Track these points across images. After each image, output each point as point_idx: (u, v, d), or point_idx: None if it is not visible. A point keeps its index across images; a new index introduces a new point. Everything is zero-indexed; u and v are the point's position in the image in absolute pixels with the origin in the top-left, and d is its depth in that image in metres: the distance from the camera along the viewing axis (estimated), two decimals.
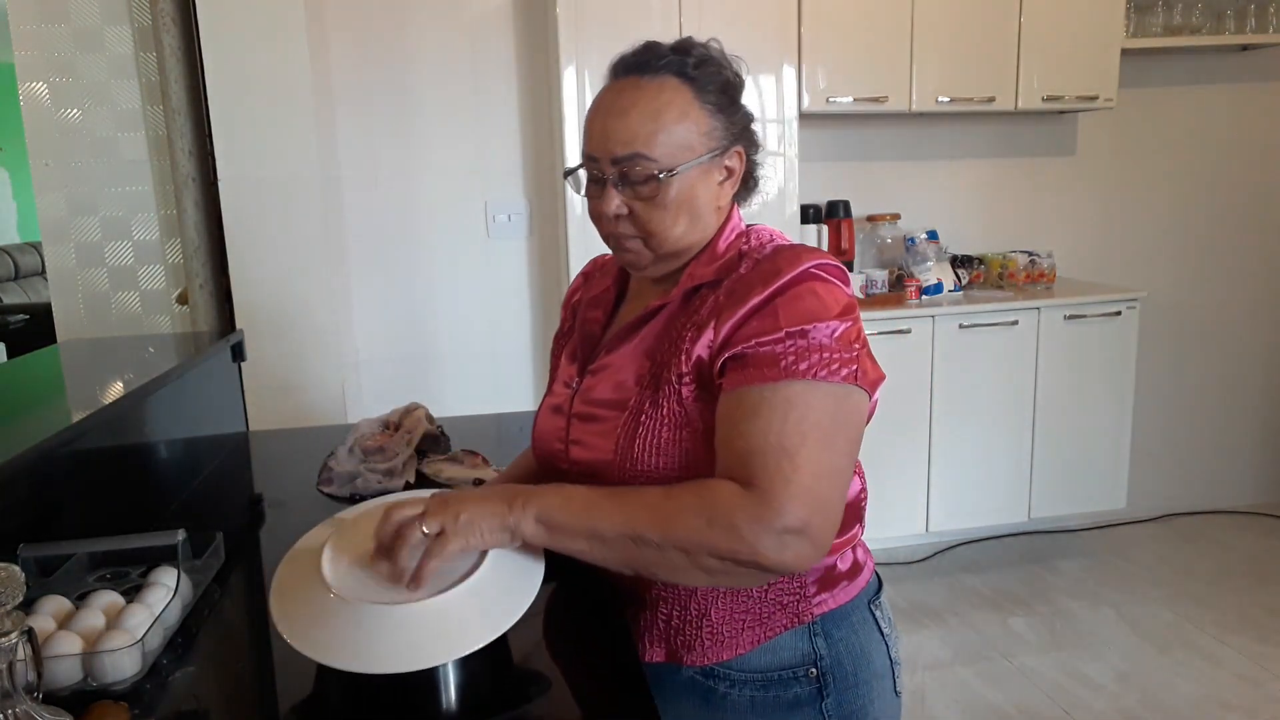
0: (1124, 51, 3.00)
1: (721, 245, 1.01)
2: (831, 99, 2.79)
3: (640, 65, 0.98)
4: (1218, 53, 3.32)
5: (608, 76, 1.02)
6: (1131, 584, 3.00)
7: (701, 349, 0.93)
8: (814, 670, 0.99)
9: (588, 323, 1.12)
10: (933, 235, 3.17)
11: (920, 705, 2.35)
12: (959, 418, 2.94)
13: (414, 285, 2.87)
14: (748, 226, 1.04)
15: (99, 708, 0.79)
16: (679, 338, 0.96)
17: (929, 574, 3.09)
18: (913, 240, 3.07)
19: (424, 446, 1.57)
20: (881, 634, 1.05)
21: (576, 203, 2.66)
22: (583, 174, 1.04)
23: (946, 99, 2.90)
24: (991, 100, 2.93)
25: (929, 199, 3.27)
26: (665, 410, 0.94)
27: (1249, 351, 3.59)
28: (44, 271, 2.63)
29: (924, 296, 2.99)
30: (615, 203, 0.98)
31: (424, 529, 0.84)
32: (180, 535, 1.06)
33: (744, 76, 1.02)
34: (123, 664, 0.85)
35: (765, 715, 0.99)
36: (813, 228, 2.99)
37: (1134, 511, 3.39)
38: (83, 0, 2.24)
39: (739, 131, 1.01)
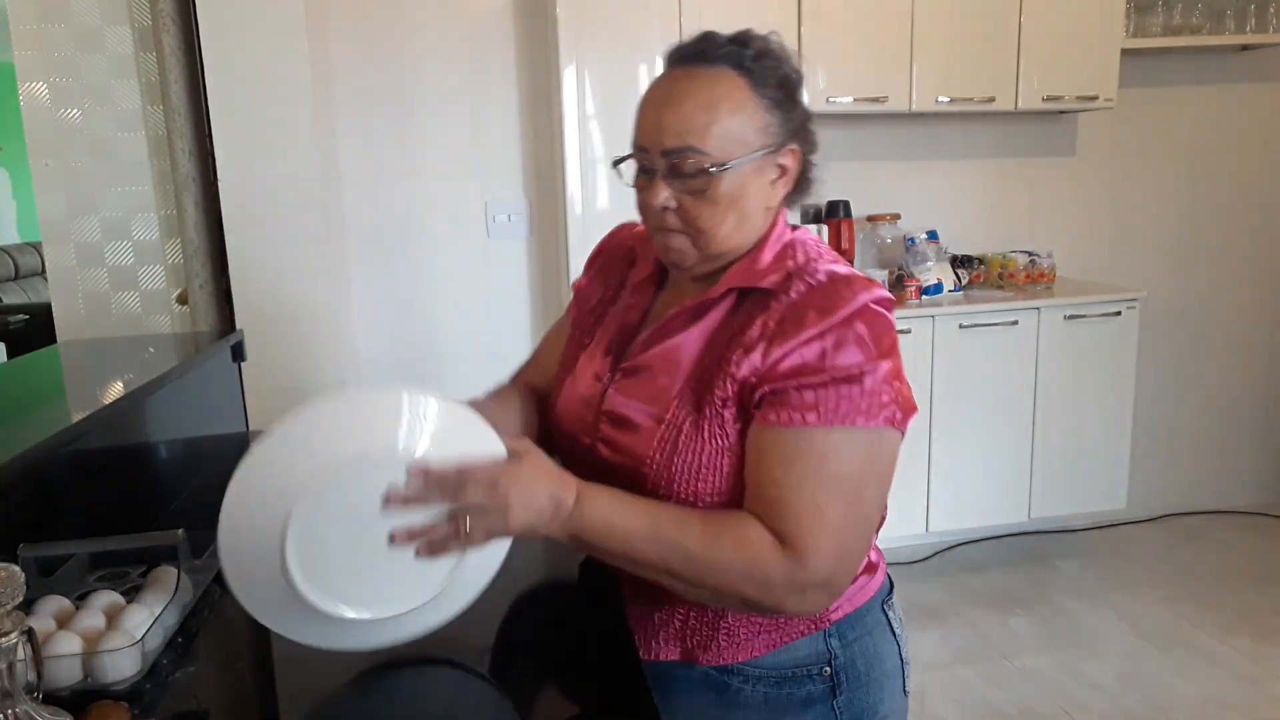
0: (1124, 51, 3.00)
1: (767, 253, 0.97)
2: (831, 99, 2.79)
3: (697, 55, 0.95)
4: (1218, 53, 3.32)
5: (663, 66, 0.98)
6: (1131, 584, 3.00)
7: (746, 373, 0.90)
8: (828, 669, 0.99)
9: (629, 310, 1.07)
10: (933, 235, 3.17)
11: (920, 705, 2.35)
12: (959, 418, 2.94)
13: (414, 285, 2.87)
14: (792, 236, 1.00)
15: (99, 708, 0.79)
16: (723, 358, 0.92)
17: (929, 574, 3.09)
18: (913, 240, 3.07)
19: None
20: (894, 634, 1.05)
21: (576, 203, 2.66)
22: (631, 163, 0.99)
23: (946, 99, 2.90)
24: (991, 100, 2.93)
25: (929, 199, 3.27)
26: (707, 433, 0.92)
27: (1249, 352, 3.59)
28: (44, 271, 2.62)
29: (924, 296, 2.98)
30: (664, 195, 0.94)
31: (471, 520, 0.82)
32: (180, 535, 1.06)
33: (803, 73, 0.98)
34: (123, 664, 0.85)
35: (778, 712, 0.99)
36: (812, 228, 2.99)
37: (1134, 511, 3.39)
38: (83, 0, 2.24)
39: (796, 129, 0.97)
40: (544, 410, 1.13)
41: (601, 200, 2.67)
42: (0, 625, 0.67)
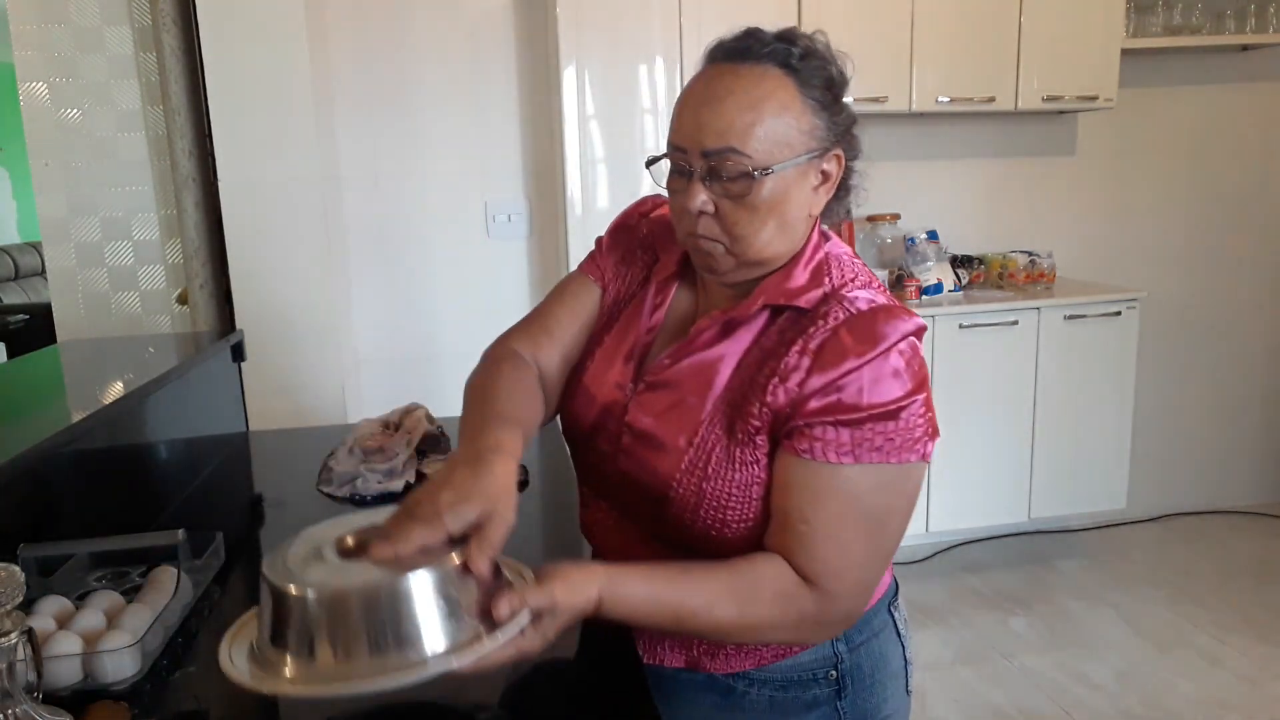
0: (1124, 51, 3.00)
1: (802, 268, 0.93)
2: None
3: (741, 52, 0.89)
4: (1218, 53, 3.32)
5: (702, 63, 0.93)
6: (1131, 584, 3.00)
7: (781, 401, 0.87)
8: (834, 673, 0.99)
9: (654, 310, 1.02)
10: (933, 235, 3.17)
11: (920, 705, 2.35)
12: (959, 418, 2.94)
13: (414, 285, 2.87)
14: (827, 250, 0.96)
15: (99, 708, 0.79)
16: (759, 381, 0.89)
17: (929, 574, 3.09)
18: (913, 240, 3.07)
19: (424, 446, 1.57)
20: (899, 635, 1.05)
21: (576, 203, 2.66)
22: (665, 164, 0.93)
23: (946, 99, 2.90)
24: (991, 100, 2.93)
25: (929, 199, 3.27)
26: (738, 460, 0.89)
27: (1249, 352, 3.59)
28: (44, 271, 2.63)
29: (924, 296, 2.98)
30: (701, 199, 0.88)
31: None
32: (180, 535, 1.06)
33: (849, 76, 0.94)
34: (123, 664, 0.85)
35: (782, 714, 0.99)
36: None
37: (1134, 511, 3.39)
38: (83, 0, 2.24)
39: (841, 133, 0.93)
40: (554, 393, 1.07)
41: (601, 200, 2.67)
42: (0, 625, 0.67)
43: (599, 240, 1.13)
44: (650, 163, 0.96)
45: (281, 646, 0.71)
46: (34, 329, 4.42)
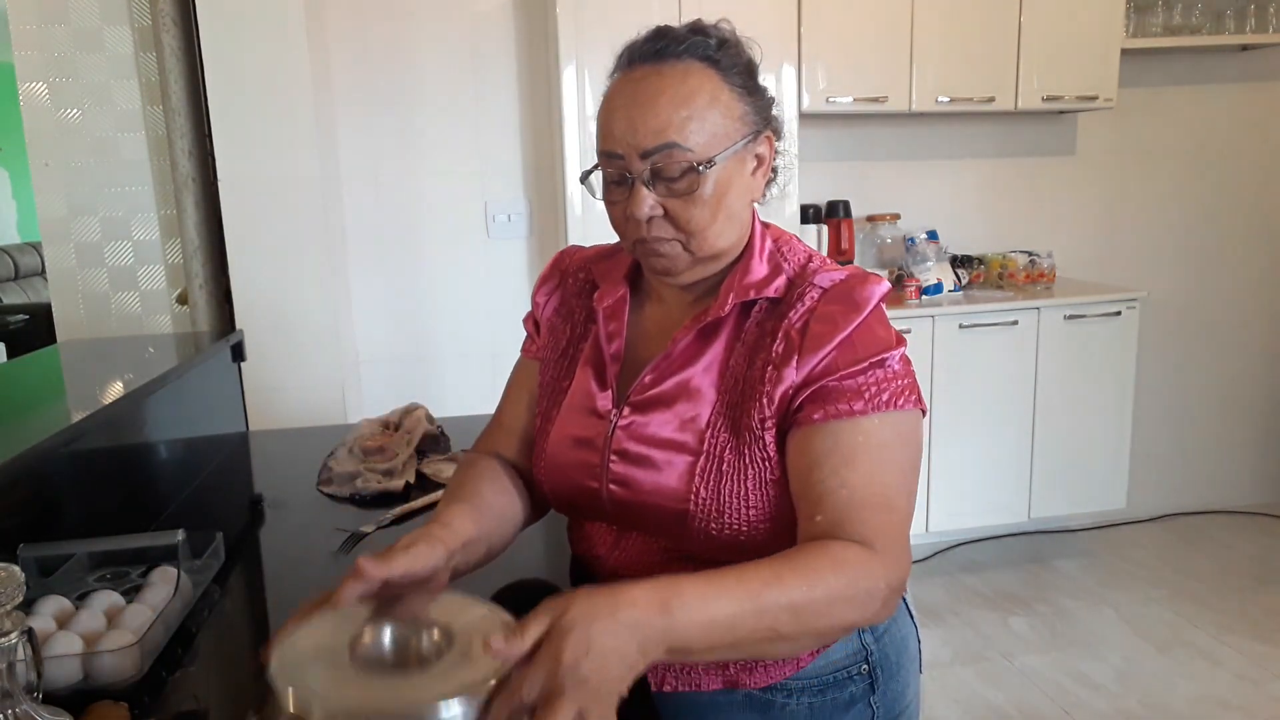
0: (1124, 51, 3.00)
1: (760, 259, 0.94)
2: (831, 99, 2.79)
3: (658, 52, 0.90)
4: (1218, 53, 3.32)
5: (617, 68, 0.93)
6: (1131, 584, 3.00)
7: (785, 388, 0.87)
8: (865, 666, 0.98)
9: (612, 337, 0.99)
10: (933, 235, 3.17)
11: (920, 705, 2.35)
12: (959, 418, 2.94)
13: (414, 285, 2.87)
14: (773, 235, 0.97)
15: (99, 708, 0.79)
16: (754, 375, 0.89)
17: (929, 574, 3.09)
18: (913, 240, 3.07)
19: (424, 446, 1.57)
20: (911, 618, 1.05)
21: (576, 203, 2.66)
22: (597, 177, 0.93)
23: (946, 99, 2.90)
24: (991, 100, 2.93)
25: (929, 199, 3.27)
26: (748, 458, 0.88)
27: (1249, 352, 3.59)
28: (44, 271, 2.62)
29: (924, 296, 2.98)
30: (649, 203, 0.88)
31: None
32: (180, 535, 1.06)
33: (758, 59, 0.95)
34: (123, 664, 0.85)
35: (821, 718, 0.97)
36: (812, 228, 2.99)
37: (1134, 511, 3.39)
38: (83, 0, 2.24)
39: (766, 115, 0.94)
40: (523, 478, 1.05)
41: (601, 200, 2.67)
42: (0, 625, 0.67)
43: (525, 317, 1.13)
44: (584, 177, 0.95)
45: None
46: (34, 329, 4.42)
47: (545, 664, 0.64)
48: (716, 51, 0.91)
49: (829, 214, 3.09)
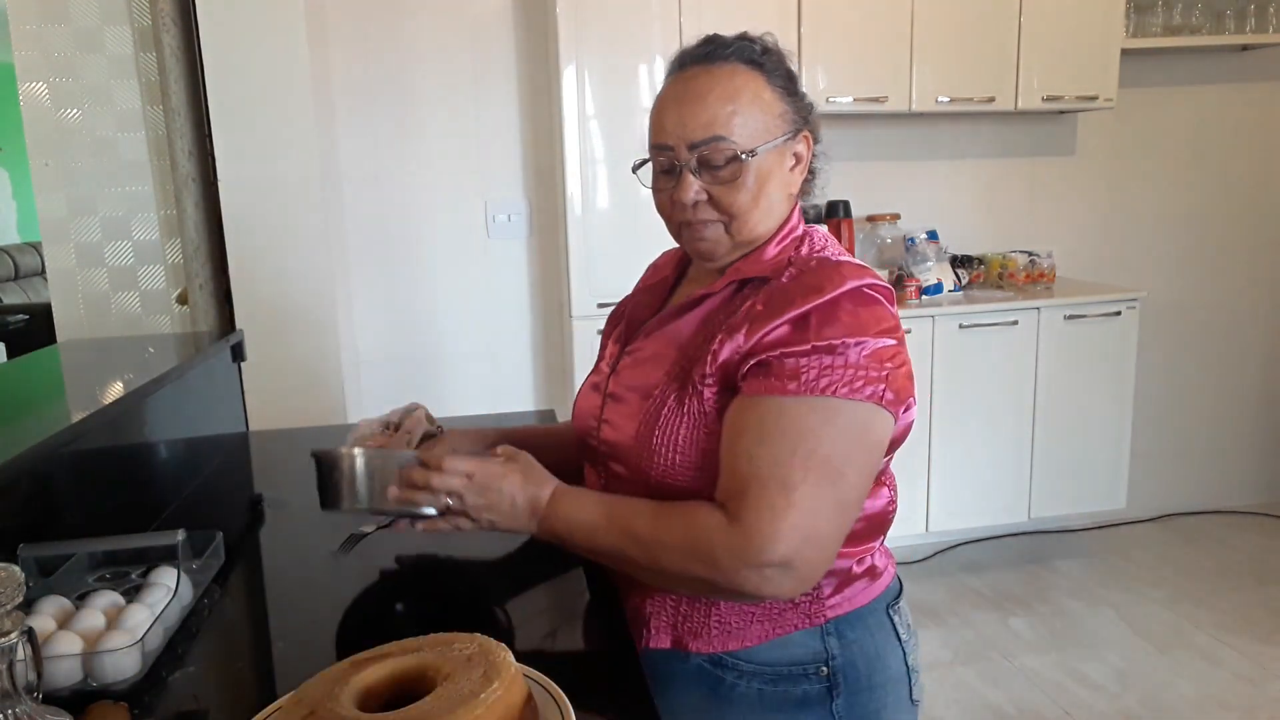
0: (1124, 51, 3.00)
1: (774, 246, 1.01)
2: (831, 99, 2.79)
3: (706, 55, 0.99)
4: (1218, 53, 3.32)
5: (670, 71, 1.02)
6: (1131, 584, 3.00)
7: (728, 353, 0.93)
8: (825, 669, 0.98)
9: (639, 307, 1.13)
10: (933, 235, 3.17)
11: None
12: (959, 418, 2.94)
13: (414, 285, 2.87)
14: (805, 230, 1.04)
15: (99, 708, 0.79)
16: (710, 337, 0.96)
17: (929, 574, 3.09)
18: (913, 240, 3.07)
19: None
20: (899, 639, 1.04)
21: (576, 203, 2.66)
22: (648, 168, 1.02)
23: (946, 99, 2.90)
24: (991, 100, 2.93)
25: (929, 199, 3.27)
26: (686, 408, 0.95)
27: (1249, 352, 3.59)
28: (44, 271, 2.63)
29: (924, 296, 2.98)
30: (694, 189, 0.97)
31: (448, 500, 0.93)
32: (180, 535, 1.06)
33: (798, 71, 1.04)
34: (123, 664, 0.85)
35: (773, 710, 0.98)
36: (812, 228, 2.98)
37: (1134, 511, 3.39)
38: (83, 0, 2.24)
39: (806, 116, 1.02)
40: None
41: (601, 200, 2.67)
42: (0, 625, 0.67)
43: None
44: (636, 167, 1.04)
45: None
46: (34, 329, 4.41)
47: (485, 471, 0.95)
48: (761, 56, 0.99)
49: (829, 214, 3.09)
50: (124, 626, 0.90)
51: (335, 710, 0.67)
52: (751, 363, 0.91)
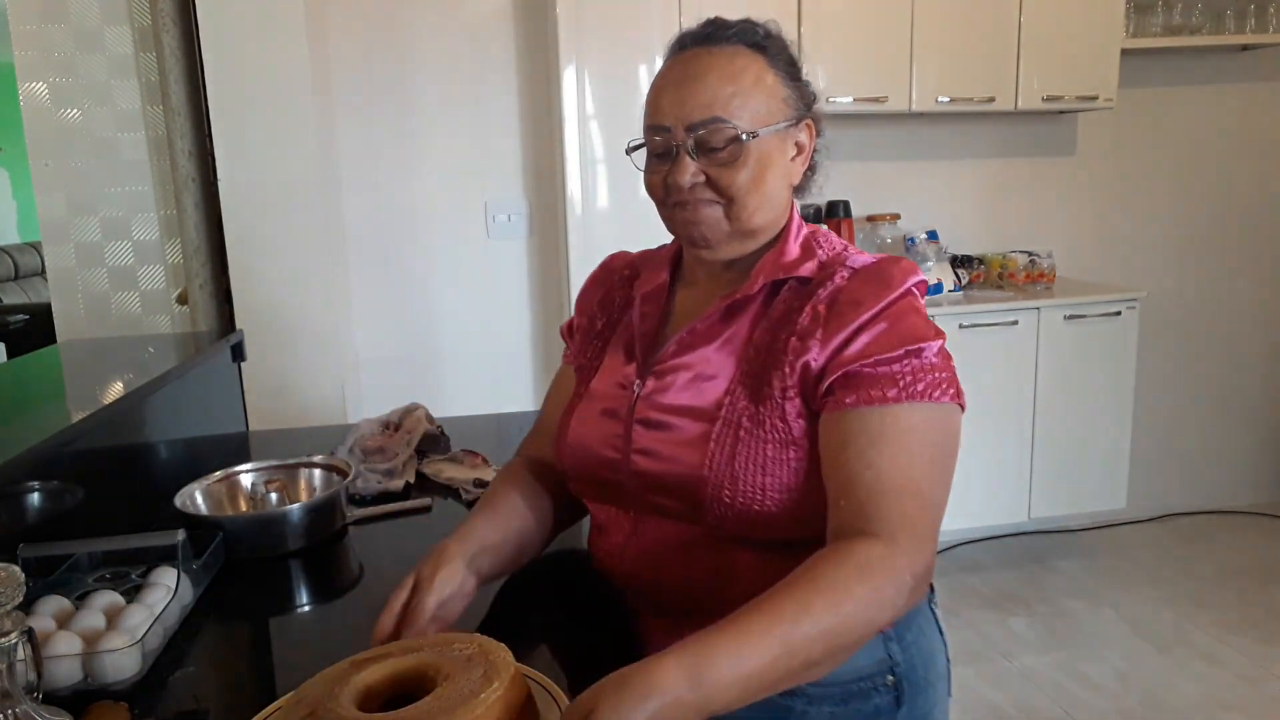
0: (1124, 51, 3.00)
1: (793, 244, 0.97)
2: (831, 99, 2.79)
3: (708, 37, 0.95)
4: (1218, 53, 3.32)
5: (670, 53, 0.98)
6: (1131, 584, 3.00)
7: (809, 360, 0.87)
8: (891, 678, 0.95)
9: (646, 317, 1.03)
10: (933, 235, 3.17)
11: None
12: None
13: (414, 285, 2.87)
14: (810, 227, 1.01)
15: (99, 708, 0.79)
16: (778, 346, 0.90)
17: None
18: (913, 240, 3.07)
19: (424, 446, 1.57)
20: (941, 633, 1.03)
21: (576, 203, 2.66)
22: (643, 151, 0.97)
23: (946, 99, 2.90)
24: (991, 100, 2.93)
25: (929, 199, 3.27)
26: (769, 425, 0.88)
27: (1249, 352, 3.59)
28: (44, 271, 2.62)
29: (924, 297, 2.98)
30: (691, 170, 0.92)
31: None
32: (180, 535, 1.06)
33: (800, 62, 1.00)
34: (123, 664, 0.85)
35: None
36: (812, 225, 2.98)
37: (1134, 511, 3.39)
38: (83, 0, 2.24)
39: (809, 104, 0.99)
40: (557, 480, 1.06)
41: (601, 200, 2.67)
42: (0, 625, 0.67)
43: (562, 327, 1.17)
44: (631, 150, 0.99)
45: None
46: (34, 329, 4.41)
47: None
48: (764, 39, 0.95)
49: (829, 214, 3.09)
50: (124, 626, 0.90)
51: (335, 710, 0.66)
52: (839, 375, 0.86)
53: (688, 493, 0.90)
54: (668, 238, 1.05)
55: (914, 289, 0.91)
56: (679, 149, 0.92)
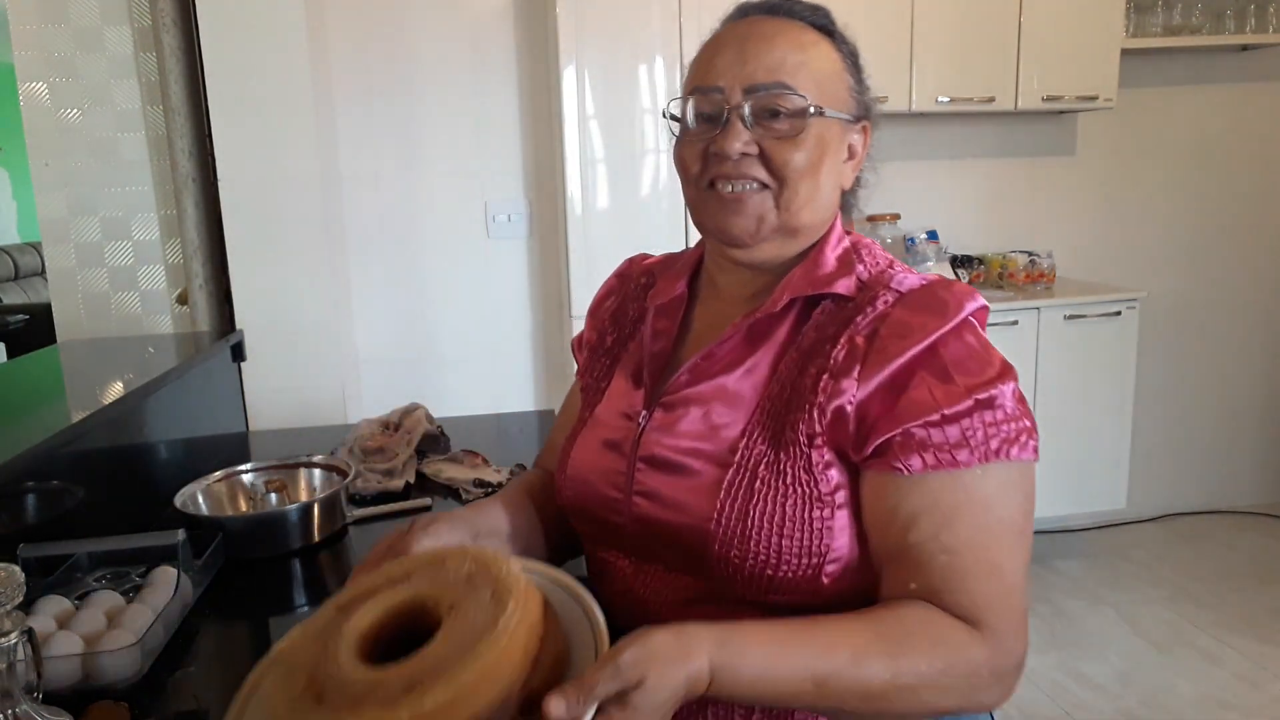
0: (1124, 51, 3.00)
1: (830, 254, 0.84)
2: None
3: (775, 7, 0.85)
4: (1218, 53, 3.32)
5: (728, 20, 0.87)
6: (1131, 584, 3.00)
7: (844, 404, 0.74)
8: None
9: (658, 336, 0.89)
10: (933, 235, 3.17)
11: None
12: None
13: (414, 285, 2.87)
14: (853, 237, 0.89)
15: (99, 708, 0.79)
16: (806, 382, 0.76)
17: None
18: (913, 240, 3.07)
19: (424, 446, 1.57)
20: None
21: (576, 203, 2.65)
22: (685, 116, 0.84)
23: (946, 99, 2.90)
24: (991, 100, 2.93)
25: (929, 199, 3.27)
26: (789, 477, 0.75)
27: (1249, 352, 3.59)
28: (44, 271, 2.62)
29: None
30: (743, 138, 0.79)
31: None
32: (180, 535, 1.06)
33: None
34: (123, 664, 0.85)
35: None
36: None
37: (1134, 511, 3.39)
38: (83, 0, 2.24)
39: (867, 105, 0.89)
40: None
41: (601, 200, 2.67)
42: (0, 625, 0.67)
43: (573, 341, 1.06)
44: (669, 112, 0.87)
45: None
46: (34, 329, 4.41)
47: (604, 688, 0.60)
48: (832, 24, 0.88)
49: None
50: (124, 626, 0.90)
51: (339, 672, 0.55)
52: (898, 433, 0.72)
53: (692, 546, 0.78)
54: (671, 241, 1.00)
55: (972, 317, 0.77)
56: (730, 114, 0.80)
